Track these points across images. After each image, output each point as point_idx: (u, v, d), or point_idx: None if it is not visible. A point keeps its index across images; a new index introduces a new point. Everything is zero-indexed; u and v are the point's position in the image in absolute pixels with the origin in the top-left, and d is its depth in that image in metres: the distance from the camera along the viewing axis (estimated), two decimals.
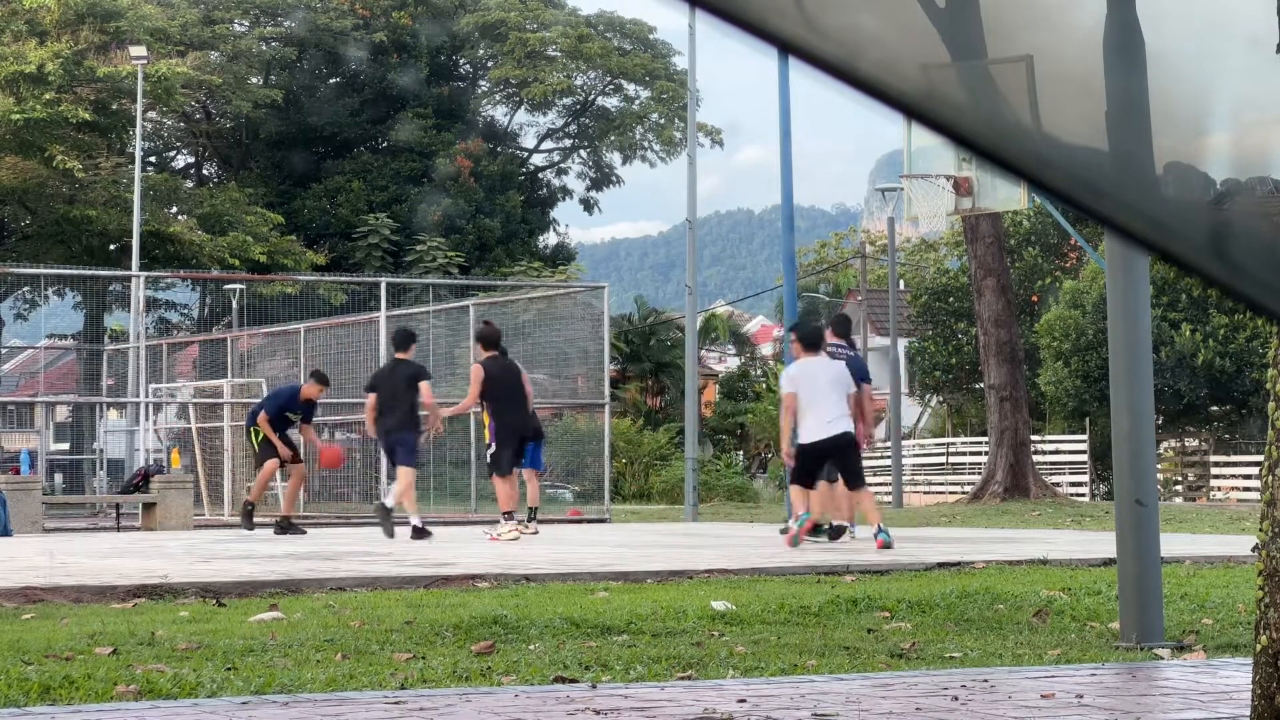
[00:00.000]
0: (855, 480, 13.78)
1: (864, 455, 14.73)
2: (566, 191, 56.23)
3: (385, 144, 51.83)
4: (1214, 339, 34.04)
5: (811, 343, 13.89)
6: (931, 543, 14.26)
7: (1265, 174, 1.59)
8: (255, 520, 18.55)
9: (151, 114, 46.26)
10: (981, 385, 33.99)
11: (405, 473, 16.18)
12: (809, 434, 13.43)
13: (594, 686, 5.42)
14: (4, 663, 5.95)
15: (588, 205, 55.55)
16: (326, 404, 29.29)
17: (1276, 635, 4.18)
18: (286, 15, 50.78)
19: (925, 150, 18.57)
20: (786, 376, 13.91)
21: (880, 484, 39.77)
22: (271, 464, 18.37)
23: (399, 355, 16.46)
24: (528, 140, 56.97)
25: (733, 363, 62.62)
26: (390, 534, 15.99)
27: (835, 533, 14.41)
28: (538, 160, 56.87)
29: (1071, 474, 37.65)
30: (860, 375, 14.20)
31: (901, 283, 49.41)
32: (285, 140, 50.32)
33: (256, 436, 18.40)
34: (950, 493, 38.90)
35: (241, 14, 50.23)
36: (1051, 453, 37.86)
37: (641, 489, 39.95)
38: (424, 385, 16.25)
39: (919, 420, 53.00)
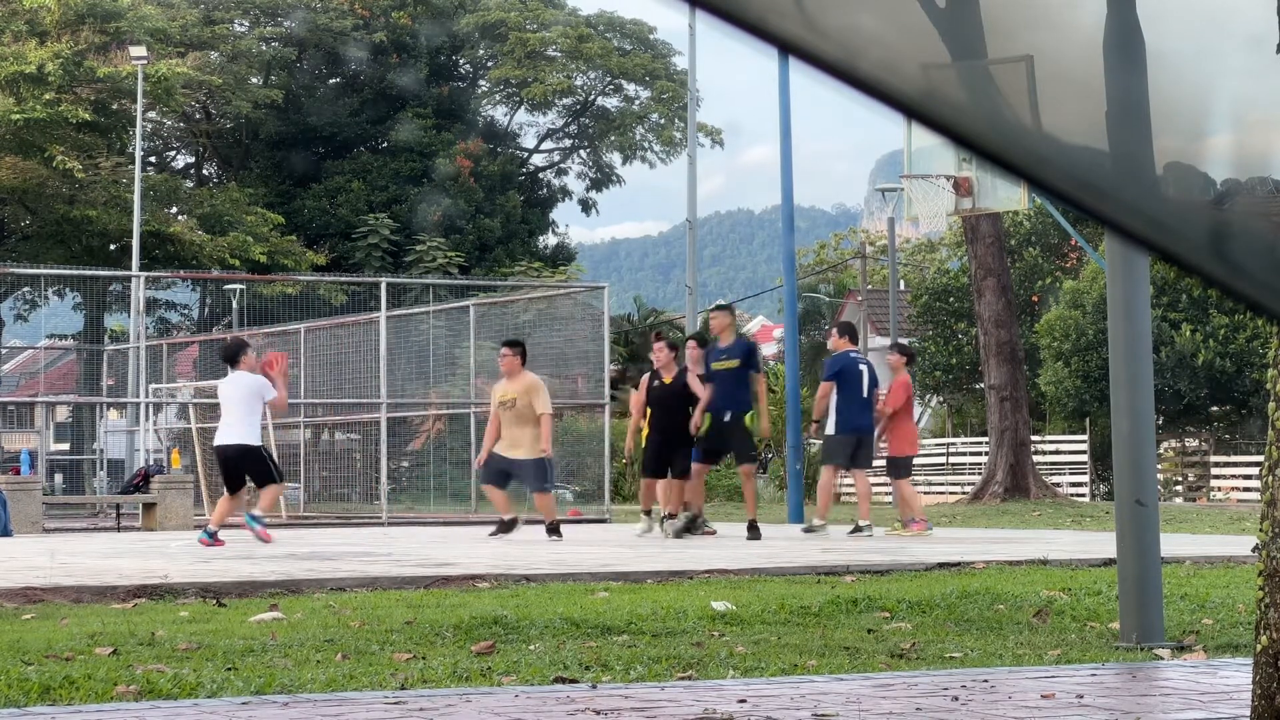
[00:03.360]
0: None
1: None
2: (566, 192, 56.23)
3: (385, 144, 51.83)
4: (1214, 339, 34.02)
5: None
6: (931, 543, 14.26)
7: (1265, 174, 1.59)
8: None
9: (151, 114, 46.27)
10: (981, 385, 34.00)
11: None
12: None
13: (594, 686, 5.42)
14: (4, 663, 5.95)
15: (587, 205, 55.54)
16: (326, 404, 29.30)
17: (1276, 635, 4.18)
18: (286, 15, 50.79)
19: (925, 150, 18.56)
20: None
21: (880, 484, 39.75)
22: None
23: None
24: (528, 140, 57.03)
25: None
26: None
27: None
28: (538, 160, 56.88)
29: (1071, 474, 37.62)
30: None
31: (902, 283, 49.41)
32: (285, 140, 50.32)
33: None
34: (950, 493, 38.89)
35: (241, 14, 50.25)
36: (1051, 453, 37.84)
37: None
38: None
39: (919, 420, 53.01)
